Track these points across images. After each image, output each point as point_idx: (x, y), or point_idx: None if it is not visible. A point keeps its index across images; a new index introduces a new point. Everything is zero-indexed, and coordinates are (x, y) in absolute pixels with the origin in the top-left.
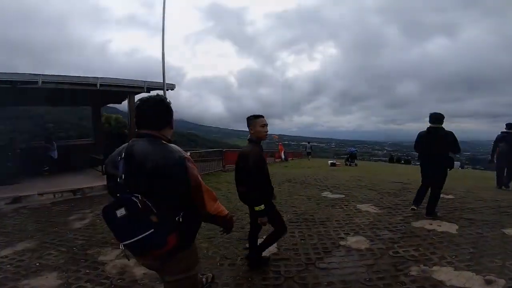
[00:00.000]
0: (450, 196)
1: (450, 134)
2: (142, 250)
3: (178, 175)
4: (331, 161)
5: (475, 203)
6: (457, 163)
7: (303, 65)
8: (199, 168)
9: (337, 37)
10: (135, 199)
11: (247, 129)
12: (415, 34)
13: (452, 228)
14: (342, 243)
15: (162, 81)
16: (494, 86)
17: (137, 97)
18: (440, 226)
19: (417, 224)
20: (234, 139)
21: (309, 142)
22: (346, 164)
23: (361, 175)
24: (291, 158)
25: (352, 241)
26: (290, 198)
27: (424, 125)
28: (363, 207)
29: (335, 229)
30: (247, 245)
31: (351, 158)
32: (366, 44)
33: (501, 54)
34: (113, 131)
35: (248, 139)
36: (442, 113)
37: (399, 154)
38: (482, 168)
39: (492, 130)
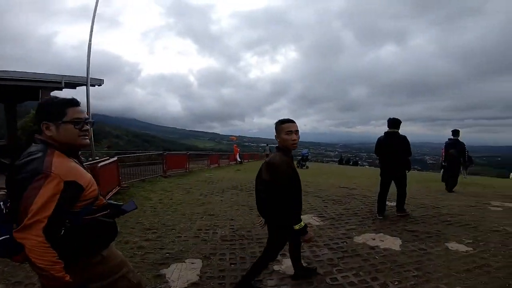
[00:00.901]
0: (393, 203)
1: (405, 138)
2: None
3: (20, 189)
4: None
5: (417, 211)
6: None
7: (265, 67)
8: (132, 174)
9: (299, 40)
10: (2, 204)
11: (205, 130)
12: (370, 40)
13: (395, 243)
14: (276, 267)
15: (93, 76)
16: (433, 92)
17: (56, 94)
18: (383, 241)
19: (359, 239)
20: (192, 140)
21: (267, 144)
22: (298, 167)
23: (310, 179)
24: (246, 160)
25: (288, 264)
26: (230, 209)
27: (371, 128)
28: (306, 218)
29: None
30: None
31: (303, 160)
32: (325, 48)
33: (441, 62)
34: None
35: (276, 147)
36: (398, 118)
37: (349, 155)
38: (419, 168)
39: (428, 133)
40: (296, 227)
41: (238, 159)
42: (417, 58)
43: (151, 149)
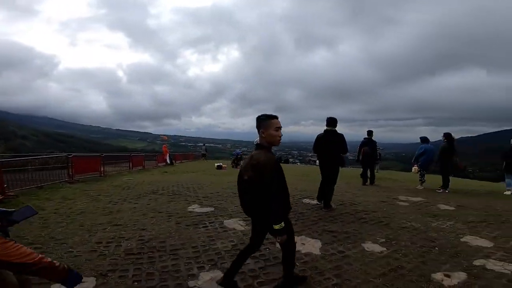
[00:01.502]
0: (315, 202)
1: (341, 136)
2: None
3: None
4: (218, 164)
5: (337, 209)
6: None
7: (206, 65)
8: (27, 180)
9: (242, 40)
10: None
11: (136, 130)
12: (306, 44)
13: (315, 246)
14: (191, 283)
15: None
16: (354, 96)
17: None
18: (304, 244)
19: None
20: (120, 140)
21: (204, 144)
22: (233, 166)
23: None
24: (179, 161)
25: (206, 279)
26: (143, 217)
27: (302, 128)
28: (231, 223)
29: (188, 260)
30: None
31: (237, 160)
32: (266, 50)
33: (362, 68)
34: None
35: (256, 144)
36: (335, 117)
37: (282, 153)
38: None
39: (349, 132)
40: (276, 227)
41: (168, 161)
42: (343, 63)
43: (70, 151)
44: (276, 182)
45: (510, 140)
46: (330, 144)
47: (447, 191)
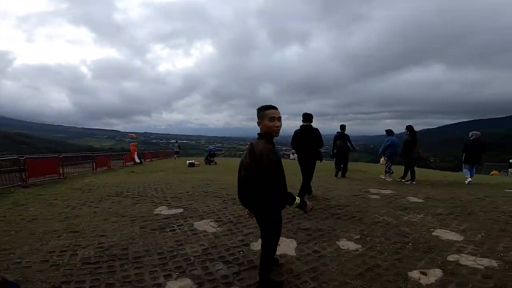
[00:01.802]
0: None
1: (317, 131)
2: None
3: None
4: (190, 161)
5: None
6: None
7: (178, 60)
8: None
9: (216, 35)
10: None
11: (103, 128)
12: (280, 40)
13: (290, 246)
14: None
15: None
16: (325, 90)
17: None
18: (279, 245)
19: (256, 245)
20: (86, 139)
21: (177, 141)
22: (206, 163)
23: (213, 177)
24: (148, 160)
25: None
26: (104, 222)
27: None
28: (201, 225)
29: (154, 268)
30: None
31: (210, 156)
32: (240, 46)
33: (333, 64)
34: None
35: (258, 134)
36: (310, 113)
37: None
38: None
39: (321, 126)
40: (294, 206)
41: (137, 160)
42: (316, 59)
43: (31, 152)
44: (274, 173)
45: (469, 133)
46: (306, 139)
47: (414, 182)
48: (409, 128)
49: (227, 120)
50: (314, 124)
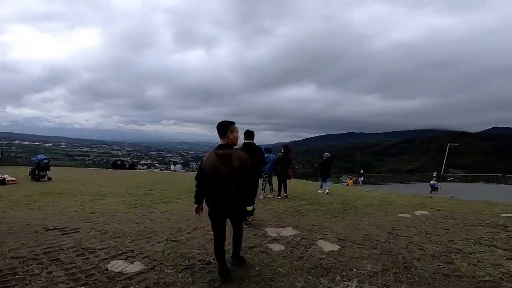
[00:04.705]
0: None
1: (261, 149)
2: None
3: None
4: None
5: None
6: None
7: (46, 47)
8: None
9: (108, 25)
10: None
11: None
12: (184, 41)
13: None
14: None
15: None
16: (217, 99)
17: None
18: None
19: None
20: None
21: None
22: (32, 178)
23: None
24: None
25: None
26: None
27: (161, 127)
28: None
29: None
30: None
31: (41, 169)
32: (136, 41)
33: (231, 73)
34: None
35: (222, 144)
36: (252, 130)
37: (138, 153)
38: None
39: (208, 134)
40: (249, 208)
41: None
42: (216, 66)
43: None
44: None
45: (324, 154)
46: (251, 157)
47: (285, 194)
48: (284, 146)
49: (99, 121)
50: (201, 132)
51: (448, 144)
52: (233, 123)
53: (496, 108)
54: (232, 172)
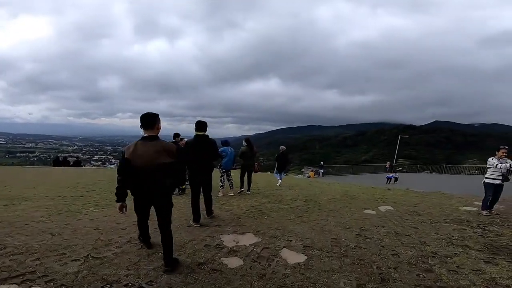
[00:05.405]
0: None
1: (214, 142)
2: None
3: None
4: None
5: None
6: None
7: None
8: None
9: (59, 13)
10: None
11: None
12: (145, 32)
13: None
14: None
15: None
16: (178, 91)
17: None
18: None
19: None
20: None
21: None
22: None
23: None
24: None
25: None
26: None
27: (116, 120)
28: None
29: None
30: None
31: None
32: (92, 29)
33: (194, 66)
34: None
35: (148, 136)
36: (205, 121)
37: (90, 148)
38: None
39: (168, 127)
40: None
41: None
42: (178, 58)
43: None
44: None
45: (279, 147)
46: (202, 150)
47: (248, 192)
48: (247, 140)
49: (46, 114)
50: (161, 125)
51: (400, 136)
52: (158, 115)
53: (436, 104)
54: (162, 163)
